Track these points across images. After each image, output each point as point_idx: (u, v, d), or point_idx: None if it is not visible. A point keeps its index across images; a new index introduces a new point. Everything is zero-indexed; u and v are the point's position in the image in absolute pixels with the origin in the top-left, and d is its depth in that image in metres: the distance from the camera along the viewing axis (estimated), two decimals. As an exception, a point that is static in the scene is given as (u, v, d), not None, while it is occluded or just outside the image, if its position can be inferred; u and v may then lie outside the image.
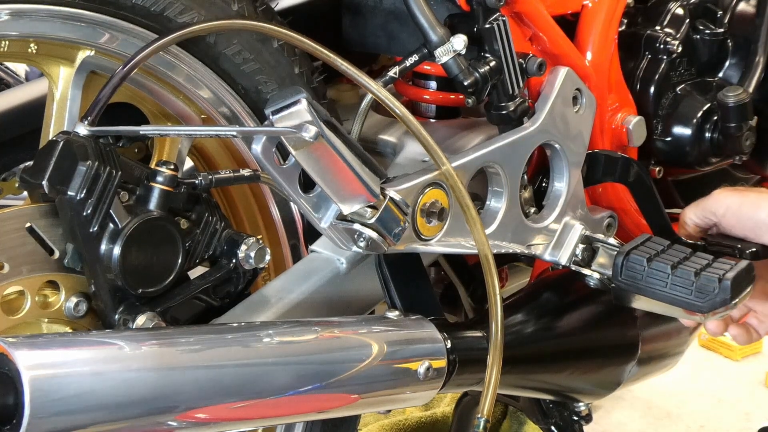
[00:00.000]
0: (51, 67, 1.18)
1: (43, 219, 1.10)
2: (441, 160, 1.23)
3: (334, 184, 1.15)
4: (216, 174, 1.18)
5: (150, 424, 1.01)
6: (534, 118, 1.37)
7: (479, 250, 1.24)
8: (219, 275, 1.19)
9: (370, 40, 1.47)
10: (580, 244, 1.42)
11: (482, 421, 1.20)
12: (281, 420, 1.30)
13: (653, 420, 2.52)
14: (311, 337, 1.14)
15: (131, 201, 1.12)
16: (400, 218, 1.21)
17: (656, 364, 1.58)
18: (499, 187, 1.35)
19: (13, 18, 1.10)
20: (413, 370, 1.20)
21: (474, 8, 1.32)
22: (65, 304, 1.11)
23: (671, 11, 1.57)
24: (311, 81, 1.35)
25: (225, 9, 1.24)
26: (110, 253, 1.09)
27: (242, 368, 1.07)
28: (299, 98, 1.12)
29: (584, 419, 1.62)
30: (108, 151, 1.10)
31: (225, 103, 1.29)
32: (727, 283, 1.27)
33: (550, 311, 1.44)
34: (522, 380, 1.42)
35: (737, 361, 2.78)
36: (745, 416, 2.55)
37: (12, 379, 0.93)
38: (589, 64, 1.48)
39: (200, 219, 1.18)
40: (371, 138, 1.47)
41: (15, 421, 0.93)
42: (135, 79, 1.22)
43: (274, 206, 1.40)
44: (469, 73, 1.31)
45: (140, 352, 1.01)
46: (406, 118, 1.21)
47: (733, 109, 1.52)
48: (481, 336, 1.29)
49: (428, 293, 1.34)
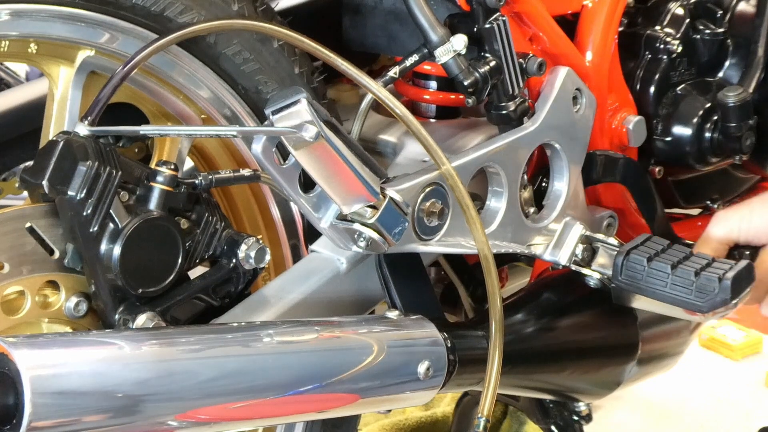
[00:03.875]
0: (51, 67, 1.18)
1: (43, 219, 1.10)
2: (441, 160, 1.23)
3: (334, 184, 1.15)
4: (216, 174, 1.18)
5: (150, 424, 1.01)
6: (534, 118, 1.37)
7: (479, 250, 1.24)
8: (219, 275, 1.19)
9: (370, 40, 1.48)
10: (580, 244, 1.42)
11: (482, 420, 1.20)
12: (281, 420, 1.30)
13: (653, 420, 2.52)
14: (311, 337, 1.14)
15: (131, 201, 1.12)
16: (401, 218, 1.21)
17: (656, 364, 1.58)
18: (499, 187, 1.35)
19: (13, 18, 1.10)
20: (413, 370, 1.20)
21: (474, 8, 1.32)
22: (65, 304, 1.11)
23: (671, 11, 1.57)
24: (311, 81, 1.35)
25: (225, 9, 1.24)
26: (110, 253, 1.09)
27: (242, 368, 1.07)
28: (299, 98, 1.12)
29: (584, 419, 1.62)
30: (108, 151, 1.10)
31: (225, 103, 1.29)
32: (727, 283, 1.27)
33: (550, 311, 1.44)
34: (522, 380, 1.42)
35: (737, 361, 2.78)
36: (745, 416, 2.54)
37: (12, 379, 0.93)
38: (589, 64, 1.48)
39: (200, 219, 1.18)
40: (371, 138, 1.47)
41: (15, 420, 0.93)
42: (135, 79, 1.22)
43: (274, 206, 1.40)
44: (469, 73, 1.31)
45: (140, 352, 1.02)
46: (406, 118, 1.21)
47: (733, 108, 1.52)
48: (481, 336, 1.29)
49: (428, 293, 1.34)
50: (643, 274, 1.32)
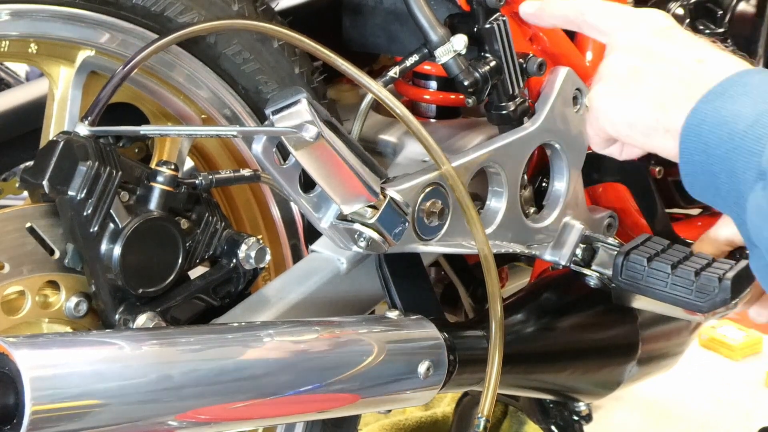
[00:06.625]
0: (51, 67, 1.18)
1: (43, 219, 1.10)
2: (441, 160, 1.23)
3: (334, 184, 1.15)
4: (216, 174, 1.18)
5: (150, 424, 1.01)
6: (534, 118, 1.37)
7: (479, 250, 1.24)
8: (219, 275, 1.19)
9: (371, 40, 1.47)
10: (580, 244, 1.42)
11: (482, 420, 1.20)
12: (281, 420, 1.30)
13: (653, 420, 2.52)
14: (311, 337, 1.14)
15: (131, 201, 1.12)
16: (401, 218, 1.21)
17: (656, 364, 1.58)
18: (499, 187, 1.35)
19: (13, 18, 1.10)
20: (413, 370, 1.20)
21: (474, 8, 1.32)
22: (65, 304, 1.11)
23: (671, 11, 1.57)
24: (311, 81, 1.36)
25: (225, 9, 1.24)
26: (110, 253, 1.09)
27: (242, 368, 1.07)
28: (299, 98, 1.12)
29: (584, 419, 1.62)
30: (108, 151, 1.10)
31: (225, 103, 1.29)
32: (727, 283, 1.27)
33: (550, 311, 1.45)
34: (522, 380, 1.42)
35: (737, 361, 2.78)
36: (745, 416, 2.54)
37: (12, 379, 0.94)
38: (589, 64, 1.48)
39: (200, 219, 1.18)
40: (371, 138, 1.47)
41: (15, 420, 0.93)
42: (135, 79, 1.22)
43: (274, 206, 1.40)
44: (469, 73, 1.31)
45: (140, 352, 1.02)
46: (406, 118, 1.21)
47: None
48: (482, 336, 1.29)
49: (428, 293, 1.34)
50: (643, 274, 1.32)
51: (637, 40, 1.11)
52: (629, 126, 1.08)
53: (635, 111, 1.07)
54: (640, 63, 1.09)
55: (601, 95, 1.11)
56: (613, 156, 1.18)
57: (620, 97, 1.09)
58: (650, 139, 1.06)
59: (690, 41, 1.09)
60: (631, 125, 1.08)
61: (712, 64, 1.04)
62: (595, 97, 1.12)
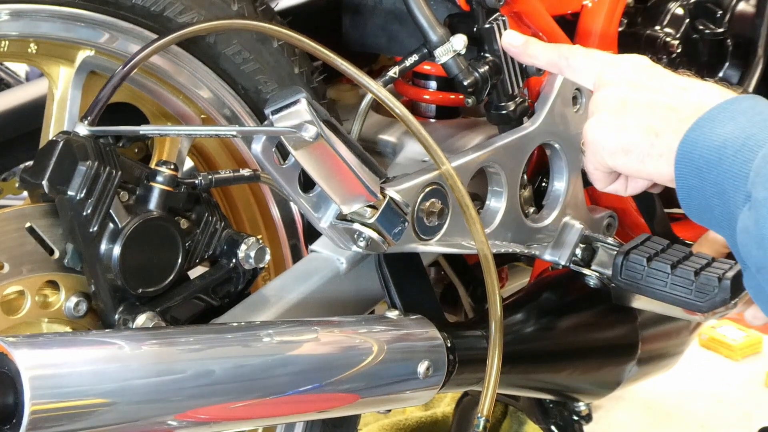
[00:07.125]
0: (51, 67, 1.18)
1: (43, 219, 1.10)
2: (441, 160, 1.23)
3: (333, 184, 1.15)
4: (216, 174, 1.18)
5: (150, 424, 1.01)
6: (534, 118, 1.37)
7: (479, 250, 1.25)
8: (219, 275, 1.19)
9: (370, 40, 1.48)
10: (579, 244, 1.42)
11: (482, 420, 1.20)
12: (281, 420, 1.30)
13: (653, 420, 2.52)
14: (311, 336, 1.14)
15: (131, 201, 1.12)
16: (400, 218, 1.21)
17: (656, 364, 1.58)
18: (498, 187, 1.35)
19: (13, 18, 1.10)
20: (413, 370, 1.20)
21: (474, 8, 1.32)
22: (65, 304, 1.11)
23: (671, 11, 1.57)
24: (311, 81, 1.36)
25: (225, 9, 1.24)
26: (110, 253, 1.09)
27: (242, 368, 1.07)
28: (299, 98, 1.12)
29: (584, 419, 1.62)
30: (108, 151, 1.10)
31: (225, 103, 1.29)
32: (727, 283, 1.27)
33: (550, 311, 1.45)
34: (522, 380, 1.42)
35: (737, 361, 2.78)
36: (745, 416, 2.54)
37: (12, 379, 0.94)
38: (588, 64, 1.48)
39: (200, 219, 1.18)
40: (371, 138, 1.47)
41: (15, 420, 0.93)
42: (135, 79, 1.22)
43: (274, 206, 1.40)
44: (469, 73, 1.31)
45: (140, 351, 1.02)
46: (406, 118, 1.21)
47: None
48: (481, 336, 1.29)
49: (428, 293, 1.34)
50: (643, 274, 1.32)
51: (623, 75, 1.15)
52: (625, 153, 1.11)
53: (629, 138, 1.11)
54: (628, 94, 1.12)
55: (595, 128, 1.14)
56: (618, 193, 1.21)
57: (614, 126, 1.12)
58: (646, 165, 1.10)
59: (671, 74, 1.14)
60: (627, 152, 1.11)
61: (695, 91, 1.09)
62: (590, 131, 1.15)
